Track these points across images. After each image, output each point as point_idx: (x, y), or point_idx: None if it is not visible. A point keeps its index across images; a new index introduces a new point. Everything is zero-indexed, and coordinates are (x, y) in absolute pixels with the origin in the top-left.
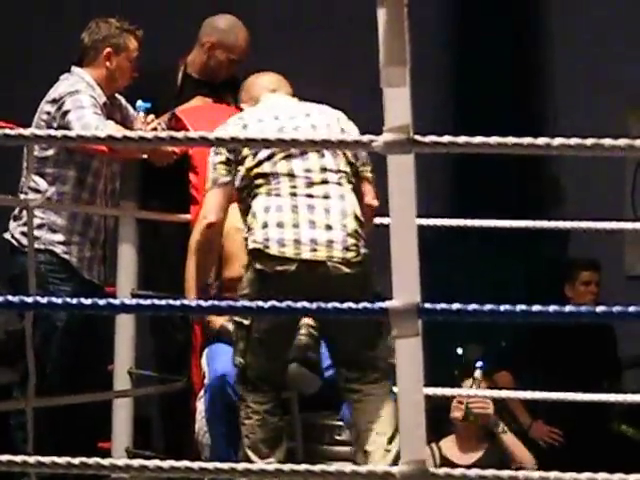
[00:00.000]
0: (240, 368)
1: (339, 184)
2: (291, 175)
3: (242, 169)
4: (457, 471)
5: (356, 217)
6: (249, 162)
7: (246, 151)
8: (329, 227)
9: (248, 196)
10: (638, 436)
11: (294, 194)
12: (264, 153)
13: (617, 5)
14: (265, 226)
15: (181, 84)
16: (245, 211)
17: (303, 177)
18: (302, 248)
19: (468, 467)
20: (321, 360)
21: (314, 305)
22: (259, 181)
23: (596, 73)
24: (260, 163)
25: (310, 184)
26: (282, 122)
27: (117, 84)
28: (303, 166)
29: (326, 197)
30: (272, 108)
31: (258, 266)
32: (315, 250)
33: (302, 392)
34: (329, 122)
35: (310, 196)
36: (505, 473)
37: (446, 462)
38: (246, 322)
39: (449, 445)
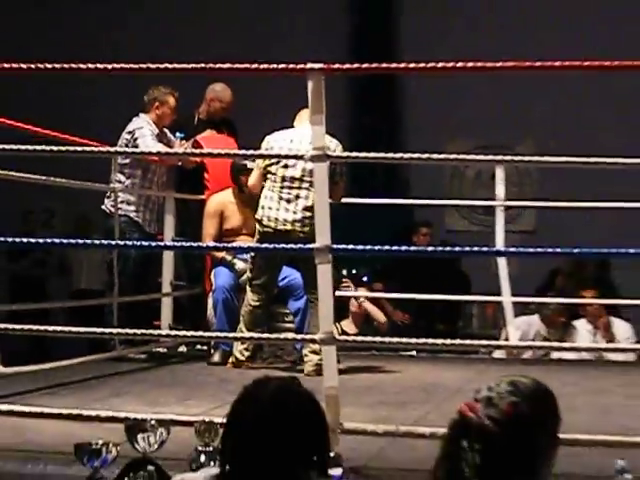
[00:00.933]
0: (249, 279)
1: (308, 189)
2: (283, 179)
3: (263, 163)
4: (350, 337)
5: (312, 209)
6: (266, 161)
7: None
8: (295, 213)
9: (263, 182)
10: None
11: (281, 191)
12: (273, 158)
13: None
14: (262, 208)
15: (197, 123)
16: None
17: (289, 181)
18: (278, 223)
19: (355, 334)
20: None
21: (271, 246)
22: (268, 176)
23: (434, 116)
24: (271, 164)
25: (291, 187)
26: (293, 144)
27: (163, 123)
28: (291, 174)
29: (297, 197)
30: (295, 134)
31: (259, 228)
32: (285, 225)
33: None
34: None
35: (289, 194)
36: (377, 338)
37: (344, 333)
38: (252, 255)
39: (346, 324)
